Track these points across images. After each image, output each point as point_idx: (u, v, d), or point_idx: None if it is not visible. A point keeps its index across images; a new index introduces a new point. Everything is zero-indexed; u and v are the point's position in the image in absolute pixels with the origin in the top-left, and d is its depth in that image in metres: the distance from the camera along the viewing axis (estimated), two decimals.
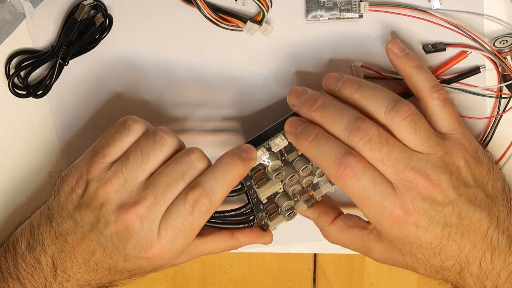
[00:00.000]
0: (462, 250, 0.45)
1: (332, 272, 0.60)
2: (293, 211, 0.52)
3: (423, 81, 0.46)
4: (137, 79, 0.54)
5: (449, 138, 0.46)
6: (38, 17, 0.53)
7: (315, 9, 0.52)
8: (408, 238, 0.45)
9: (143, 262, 0.47)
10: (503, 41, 0.51)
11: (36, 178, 0.56)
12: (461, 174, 0.45)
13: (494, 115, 0.53)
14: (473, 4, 0.52)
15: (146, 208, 0.46)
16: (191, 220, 0.46)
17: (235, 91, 0.54)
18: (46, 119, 0.55)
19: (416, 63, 0.47)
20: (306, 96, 0.48)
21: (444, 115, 0.46)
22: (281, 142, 0.48)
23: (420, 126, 0.44)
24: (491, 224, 0.45)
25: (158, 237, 0.46)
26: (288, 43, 0.53)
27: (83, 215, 0.47)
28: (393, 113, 0.44)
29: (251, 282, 0.60)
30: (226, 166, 0.46)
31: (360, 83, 0.47)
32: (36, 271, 0.47)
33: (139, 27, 0.53)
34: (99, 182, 0.47)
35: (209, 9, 0.51)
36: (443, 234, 0.45)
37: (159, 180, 0.46)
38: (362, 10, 0.51)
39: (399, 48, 0.48)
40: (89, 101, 0.54)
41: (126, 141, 0.48)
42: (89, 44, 0.53)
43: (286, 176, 0.50)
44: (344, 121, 0.45)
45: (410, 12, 0.51)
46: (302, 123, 0.47)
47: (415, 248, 0.45)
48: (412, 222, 0.44)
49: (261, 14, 0.51)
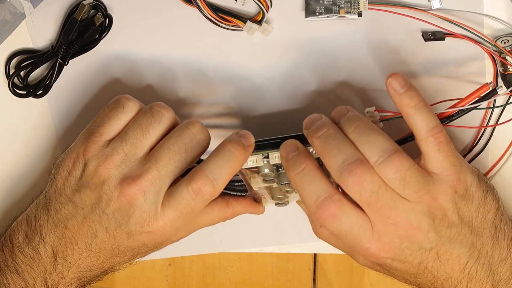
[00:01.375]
0: (438, 279, 0.45)
1: (332, 272, 0.60)
2: (284, 202, 0.52)
3: (420, 123, 0.44)
4: (137, 79, 0.54)
5: (440, 181, 0.45)
6: (38, 17, 0.53)
7: (315, 7, 0.52)
8: (384, 265, 0.46)
9: (145, 238, 0.47)
10: (504, 41, 0.51)
11: (36, 178, 0.56)
12: (446, 216, 0.44)
13: (489, 124, 0.54)
14: (473, 4, 0.52)
15: (149, 182, 0.46)
16: (193, 204, 0.46)
17: (235, 90, 0.54)
18: (46, 119, 0.55)
19: (415, 102, 0.44)
20: (317, 123, 0.47)
21: (437, 158, 0.44)
22: (278, 158, 0.48)
23: (409, 181, 0.44)
24: (471, 258, 0.45)
25: (160, 213, 0.46)
26: (288, 43, 0.53)
27: (83, 196, 0.47)
28: (383, 166, 0.43)
29: (251, 282, 0.60)
30: (229, 154, 0.47)
31: (358, 125, 0.45)
32: (35, 262, 0.47)
33: (139, 27, 0.53)
34: (98, 159, 0.46)
35: (209, 9, 0.51)
36: (419, 267, 0.45)
37: (161, 153, 0.46)
38: (362, 9, 0.51)
39: (400, 83, 0.45)
40: (89, 101, 0.54)
41: (122, 119, 0.48)
42: (89, 44, 0.53)
43: (278, 183, 0.50)
44: (341, 159, 0.44)
45: (409, 12, 0.51)
46: (295, 150, 0.47)
47: (392, 270, 0.46)
48: (387, 257, 0.45)
49: (261, 14, 0.51)
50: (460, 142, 0.55)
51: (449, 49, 0.53)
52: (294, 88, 0.54)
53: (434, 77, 0.53)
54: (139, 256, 0.50)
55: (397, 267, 0.46)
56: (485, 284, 0.45)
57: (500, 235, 0.46)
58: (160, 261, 0.60)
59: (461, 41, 0.52)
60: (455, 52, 0.53)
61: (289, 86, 0.54)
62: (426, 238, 0.44)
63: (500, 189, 0.48)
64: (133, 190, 0.46)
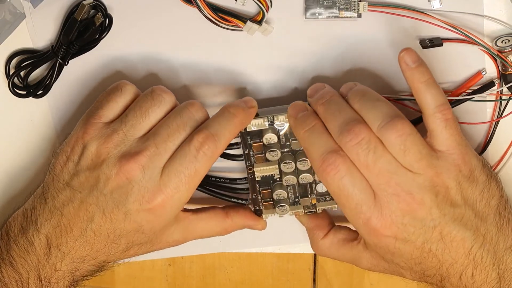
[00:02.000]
0: (443, 264, 0.45)
1: (332, 272, 0.60)
2: (285, 206, 0.52)
3: (430, 98, 0.45)
4: (137, 79, 0.54)
5: (445, 158, 0.45)
6: (38, 17, 0.53)
7: (314, 7, 0.52)
8: (387, 247, 0.45)
9: (143, 218, 0.47)
10: (505, 41, 0.51)
11: (36, 178, 0.56)
12: (450, 195, 0.44)
13: (494, 118, 0.53)
14: (473, 4, 0.52)
15: (147, 157, 0.46)
16: (196, 164, 0.46)
17: (234, 90, 0.54)
18: (46, 119, 0.55)
19: (425, 78, 0.45)
20: (321, 91, 0.48)
21: (444, 135, 0.45)
22: (284, 120, 0.49)
23: (410, 147, 0.44)
24: (475, 243, 0.44)
25: (161, 184, 0.46)
26: (287, 43, 0.53)
27: (81, 179, 0.47)
28: (385, 130, 0.44)
29: (251, 282, 0.60)
30: (228, 115, 0.48)
31: (365, 93, 0.46)
32: (28, 254, 0.47)
33: (139, 26, 0.53)
34: (98, 140, 0.47)
35: (209, 9, 0.51)
36: (423, 248, 0.45)
37: (160, 131, 0.47)
38: (361, 10, 0.51)
39: (412, 58, 0.45)
40: (89, 100, 0.54)
41: (120, 102, 0.49)
42: (89, 44, 0.53)
43: (281, 160, 0.50)
44: (340, 119, 0.45)
45: (409, 13, 0.51)
46: (305, 110, 0.48)
47: (396, 257, 0.46)
48: (389, 234, 0.44)
49: (261, 14, 0.51)
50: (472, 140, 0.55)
51: (447, 53, 0.53)
52: (293, 88, 0.54)
53: None
54: (134, 250, 0.49)
55: (400, 249, 0.45)
56: (490, 273, 0.45)
57: (505, 223, 0.46)
58: (160, 261, 0.60)
59: (460, 44, 0.52)
60: (454, 55, 0.53)
61: (289, 86, 0.54)
62: (429, 214, 0.44)
63: (506, 187, 0.48)
64: (131, 166, 0.46)
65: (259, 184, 0.51)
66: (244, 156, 0.51)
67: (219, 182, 0.54)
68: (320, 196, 0.52)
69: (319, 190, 0.51)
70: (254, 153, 0.50)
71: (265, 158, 0.50)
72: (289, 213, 0.52)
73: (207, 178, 0.53)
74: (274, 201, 0.52)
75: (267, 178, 0.51)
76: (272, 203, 0.52)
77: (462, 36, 0.51)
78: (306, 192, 0.52)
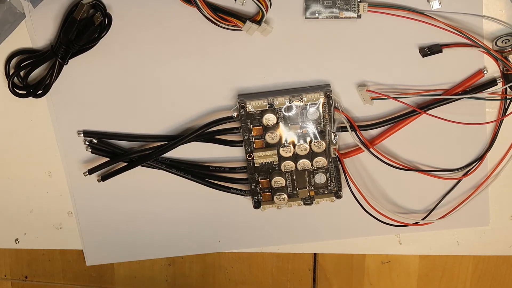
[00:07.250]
0: None
1: (332, 272, 0.60)
2: (283, 195, 0.52)
3: None
4: (136, 78, 0.54)
5: None
6: (37, 17, 0.53)
7: (314, 8, 0.52)
8: None
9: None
10: (505, 40, 0.51)
11: (36, 178, 0.56)
12: None
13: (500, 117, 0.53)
14: (472, 5, 0.51)
15: None
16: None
17: (234, 90, 0.54)
18: (45, 118, 0.55)
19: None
20: None
21: None
22: (285, 101, 0.50)
23: None
24: None
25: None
26: (287, 43, 0.53)
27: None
28: None
29: (251, 282, 0.60)
30: None
31: None
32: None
33: (138, 26, 0.53)
34: None
35: (208, 9, 0.51)
36: None
37: None
38: (361, 11, 0.51)
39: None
40: (88, 100, 0.54)
41: None
42: (89, 43, 0.53)
43: (280, 143, 0.51)
44: None
45: (409, 14, 0.51)
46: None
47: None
48: None
49: (260, 14, 0.51)
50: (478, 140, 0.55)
51: (448, 53, 0.52)
52: (293, 88, 0.54)
53: (435, 79, 0.53)
54: None
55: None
56: None
57: None
58: (160, 261, 0.60)
59: (460, 47, 0.52)
60: (454, 56, 0.53)
61: (288, 86, 0.54)
62: None
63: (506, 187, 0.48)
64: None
65: (258, 172, 0.51)
66: (243, 141, 0.51)
67: (218, 172, 0.54)
68: (318, 188, 0.52)
69: (317, 182, 0.52)
70: (253, 138, 0.50)
71: (264, 142, 0.50)
72: (287, 205, 0.52)
73: (207, 168, 0.53)
74: (273, 189, 0.52)
75: (266, 165, 0.51)
76: (271, 193, 0.52)
77: (461, 38, 0.51)
78: (304, 183, 0.52)
